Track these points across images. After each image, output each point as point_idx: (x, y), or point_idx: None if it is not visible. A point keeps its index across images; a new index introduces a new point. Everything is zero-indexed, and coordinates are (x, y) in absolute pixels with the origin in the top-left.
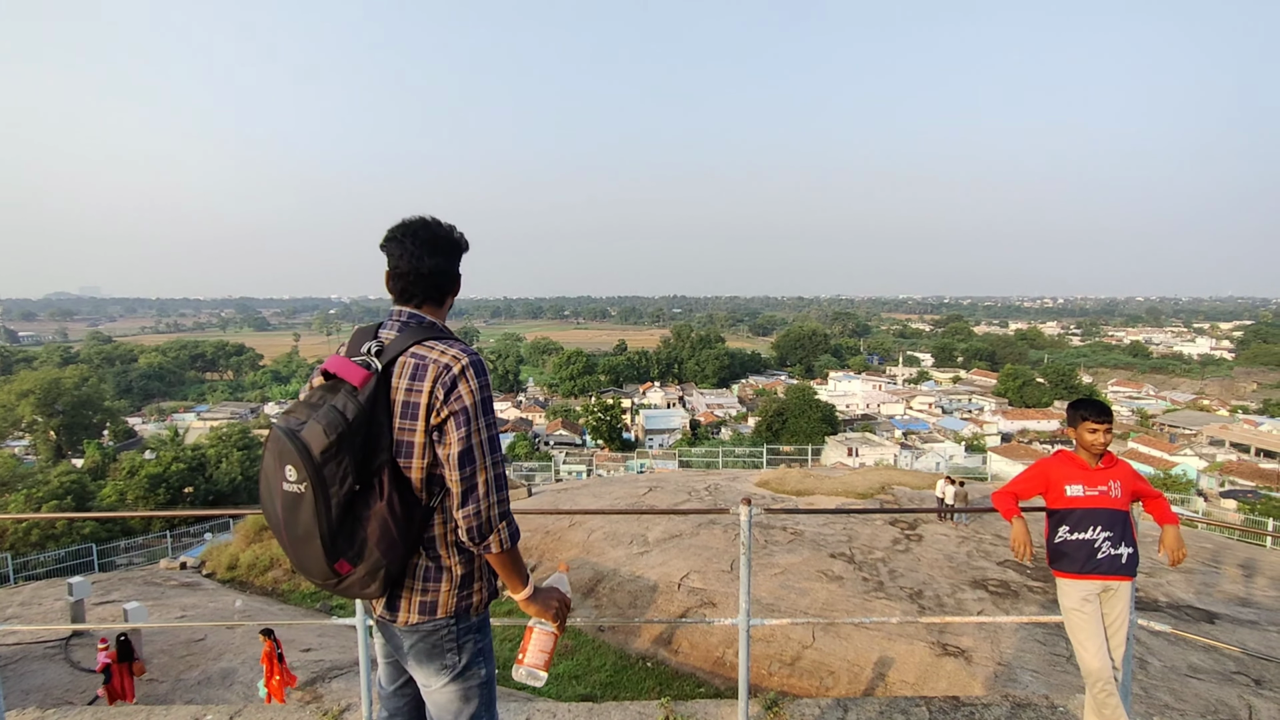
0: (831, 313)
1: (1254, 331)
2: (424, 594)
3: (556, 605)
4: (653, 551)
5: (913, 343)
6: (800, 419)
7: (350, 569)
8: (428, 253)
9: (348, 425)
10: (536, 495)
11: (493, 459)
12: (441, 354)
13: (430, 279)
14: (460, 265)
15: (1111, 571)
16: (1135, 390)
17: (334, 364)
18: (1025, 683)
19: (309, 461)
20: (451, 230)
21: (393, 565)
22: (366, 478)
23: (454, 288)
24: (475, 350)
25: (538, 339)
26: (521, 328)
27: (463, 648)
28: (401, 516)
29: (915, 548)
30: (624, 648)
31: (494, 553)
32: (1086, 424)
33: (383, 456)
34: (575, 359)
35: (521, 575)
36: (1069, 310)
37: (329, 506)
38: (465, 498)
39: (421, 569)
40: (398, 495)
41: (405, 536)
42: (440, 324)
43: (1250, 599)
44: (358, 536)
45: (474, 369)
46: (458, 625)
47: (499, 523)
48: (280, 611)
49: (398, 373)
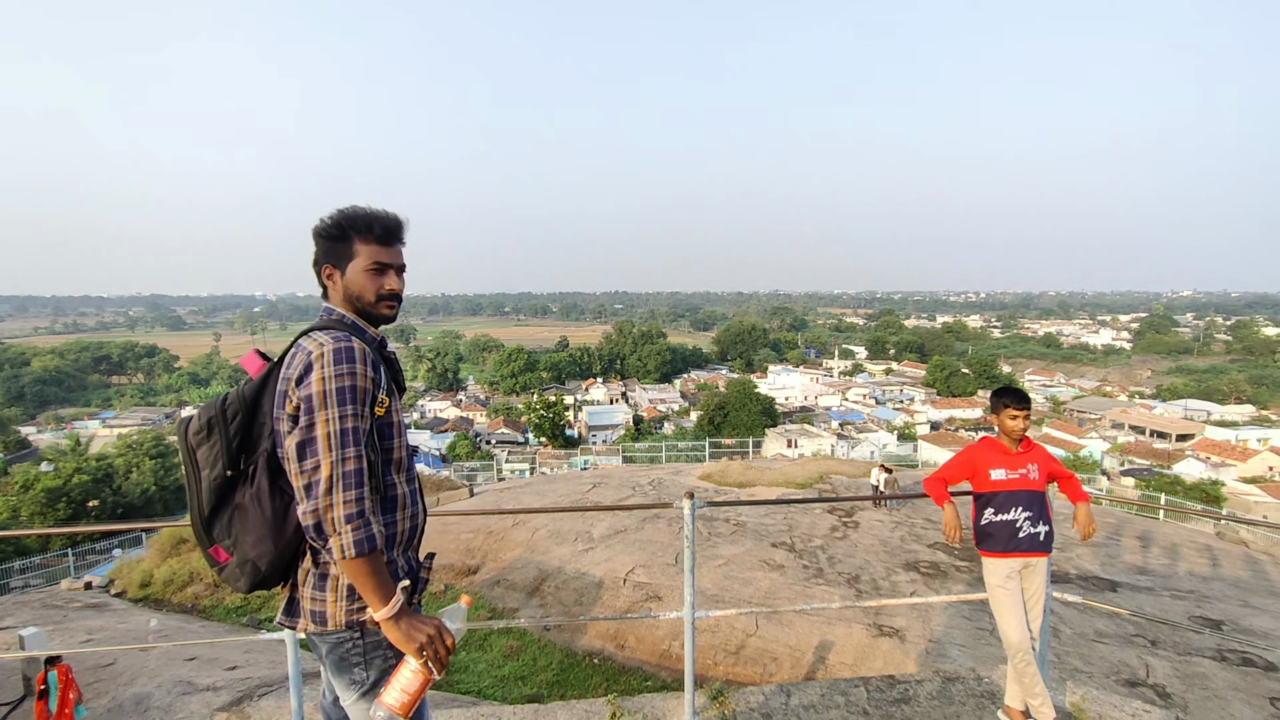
0: (770, 308)
1: (1148, 323)
2: (313, 602)
3: (424, 640)
4: (598, 548)
5: (847, 336)
6: (741, 412)
7: (227, 558)
8: (315, 245)
9: (221, 410)
10: (479, 495)
11: (343, 454)
12: (312, 341)
13: (315, 270)
14: (333, 252)
15: (1031, 549)
16: (1049, 379)
17: (245, 358)
18: (954, 657)
19: (184, 443)
20: (325, 218)
21: (261, 561)
22: (244, 466)
23: (326, 275)
24: (350, 339)
25: (478, 336)
26: (461, 325)
27: (371, 663)
28: (268, 509)
29: (852, 534)
30: (570, 645)
31: (338, 559)
32: (1008, 411)
33: (264, 445)
34: (516, 356)
35: (381, 591)
36: (990, 304)
37: (199, 490)
38: (306, 493)
39: (307, 575)
40: (266, 486)
41: (275, 533)
42: (346, 315)
43: (1147, 567)
44: (233, 526)
45: (334, 355)
46: (364, 639)
47: (343, 525)
48: (202, 629)
49: (285, 363)
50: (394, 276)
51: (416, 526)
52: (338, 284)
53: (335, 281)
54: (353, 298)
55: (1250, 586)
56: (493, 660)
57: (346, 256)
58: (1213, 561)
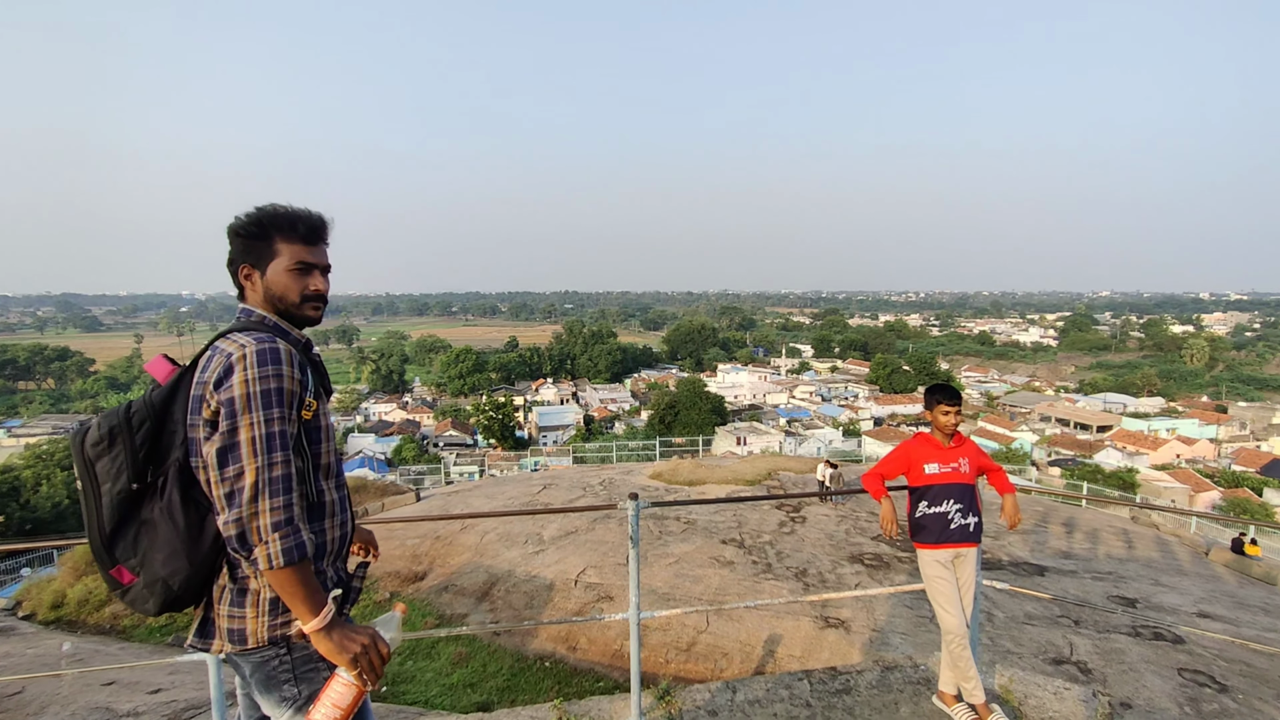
0: (719, 307)
1: (1072, 322)
2: (230, 620)
3: (358, 650)
4: (549, 550)
5: (794, 335)
6: (691, 411)
7: (132, 579)
8: (230, 244)
9: (125, 419)
10: (426, 499)
11: (270, 459)
12: (232, 343)
13: (230, 270)
14: (252, 251)
15: (962, 539)
16: (983, 375)
17: (151, 363)
18: (896, 645)
19: (80, 456)
20: (243, 215)
21: (173, 579)
22: (152, 478)
23: (244, 275)
24: (274, 341)
25: (424, 337)
26: (406, 325)
27: (302, 678)
28: (181, 523)
29: (800, 529)
30: (521, 649)
31: (264, 569)
32: (940, 407)
33: (174, 455)
34: (464, 357)
35: (311, 601)
36: (929, 304)
37: (99, 505)
38: (227, 502)
39: (223, 591)
40: (179, 498)
41: (189, 547)
42: (268, 317)
43: (1071, 552)
44: (140, 543)
45: (257, 356)
46: (291, 654)
47: (270, 534)
48: (121, 651)
49: (200, 367)
50: (319, 277)
51: (346, 535)
52: (257, 284)
53: (254, 282)
54: (274, 299)
55: (1160, 566)
56: (440, 668)
57: (267, 256)
58: (1128, 544)
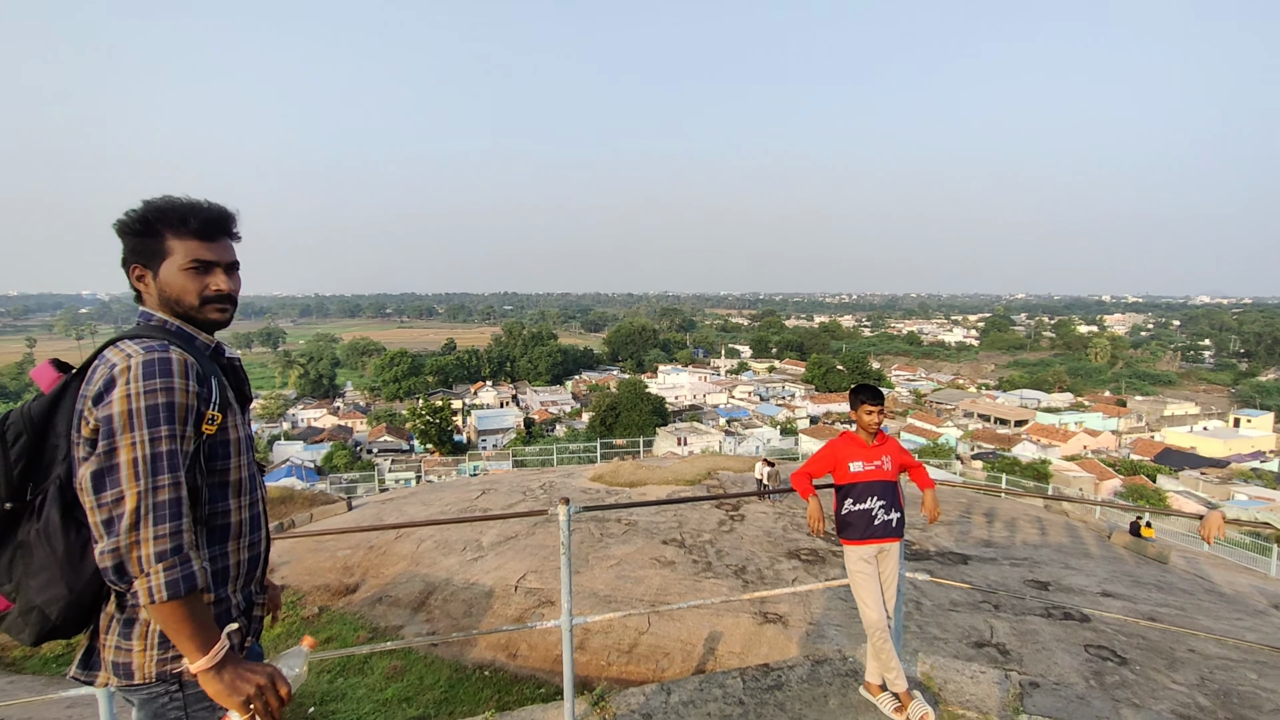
0: (660, 309)
1: (991, 323)
2: (117, 652)
3: (251, 691)
4: (488, 555)
5: (733, 336)
6: (632, 412)
7: (7, 605)
8: (121, 242)
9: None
10: (358, 508)
11: (154, 481)
12: (118, 352)
13: (125, 270)
14: (142, 250)
15: (885, 535)
16: (911, 373)
17: (37, 369)
18: (831, 636)
19: None
20: (129, 211)
21: (51, 608)
22: (29, 497)
23: (137, 276)
24: (166, 349)
25: (356, 339)
26: (337, 327)
27: (193, 718)
28: (60, 547)
29: (739, 527)
30: (460, 659)
31: (145, 603)
32: (864, 407)
33: (56, 471)
34: (399, 360)
35: (198, 638)
36: (861, 305)
37: None
38: (105, 529)
39: (110, 621)
40: (59, 520)
41: (69, 574)
42: (169, 321)
43: (992, 540)
44: (15, 568)
45: (143, 368)
46: (183, 692)
47: (152, 565)
48: (9, 686)
49: (86, 378)
50: (221, 275)
51: (258, 556)
52: (151, 286)
53: (148, 283)
54: (171, 301)
55: (1070, 550)
56: (374, 684)
57: (158, 254)
58: (1042, 531)
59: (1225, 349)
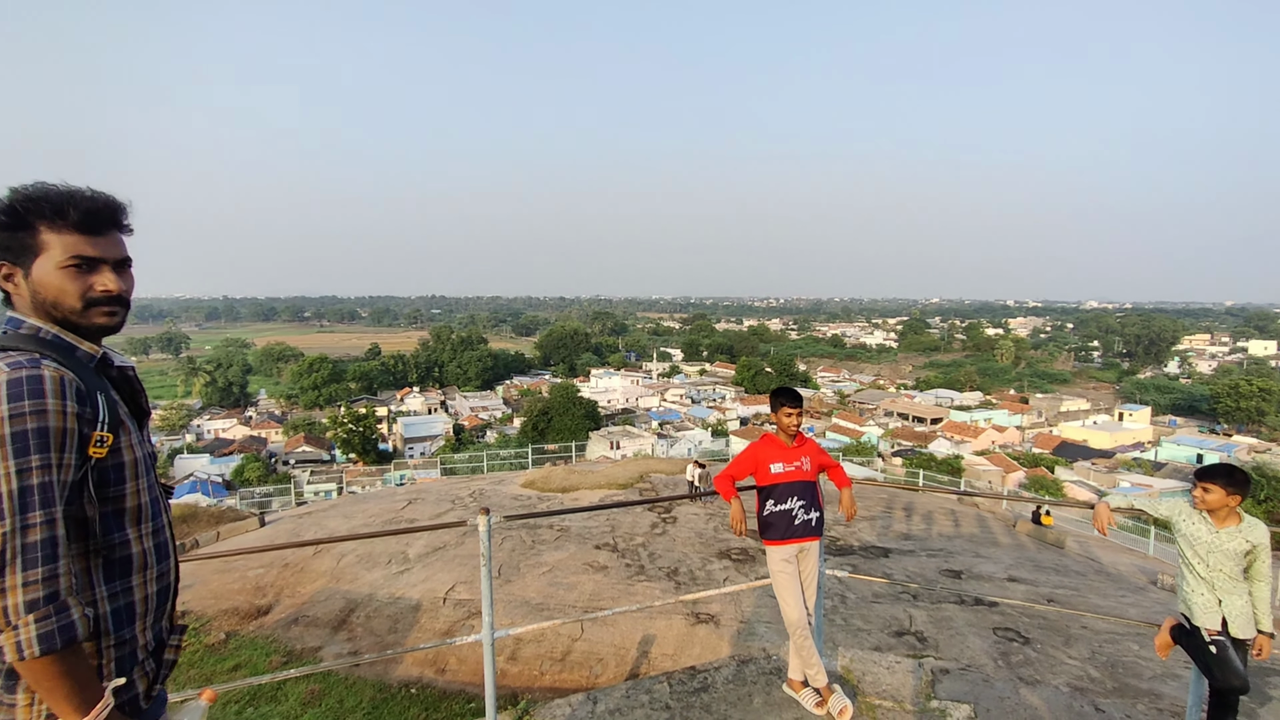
0: (592, 312)
1: (908, 326)
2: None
3: None
4: (415, 568)
5: (665, 340)
6: (565, 417)
7: None
8: None
9: None
10: (272, 524)
11: (23, 520)
12: None
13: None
14: (10, 245)
15: (804, 534)
16: (836, 375)
17: None
18: (762, 634)
19: None
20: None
21: None
22: None
23: (4, 276)
24: (37, 365)
25: (271, 345)
26: (249, 332)
27: None
28: None
29: (671, 529)
30: (384, 678)
31: (13, 659)
32: (784, 409)
33: None
34: (319, 366)
35: (76, 698)
36: (788, 309)
37: None
38: None
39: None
40: None
41: None
42: (43, 329)
43: (910, 534)
44: None
45: (7, 389)
46: None
47: (21, 616)
48: None
49: None
50: (109, 274)
51: (168, 588)
52: (22, 287)
53: (18, 284)
54: (47, 304)
55: (980, 540)
56: (288, 711)
57: (30, 250)
58: (955, 523)
59: (1111, 349)
